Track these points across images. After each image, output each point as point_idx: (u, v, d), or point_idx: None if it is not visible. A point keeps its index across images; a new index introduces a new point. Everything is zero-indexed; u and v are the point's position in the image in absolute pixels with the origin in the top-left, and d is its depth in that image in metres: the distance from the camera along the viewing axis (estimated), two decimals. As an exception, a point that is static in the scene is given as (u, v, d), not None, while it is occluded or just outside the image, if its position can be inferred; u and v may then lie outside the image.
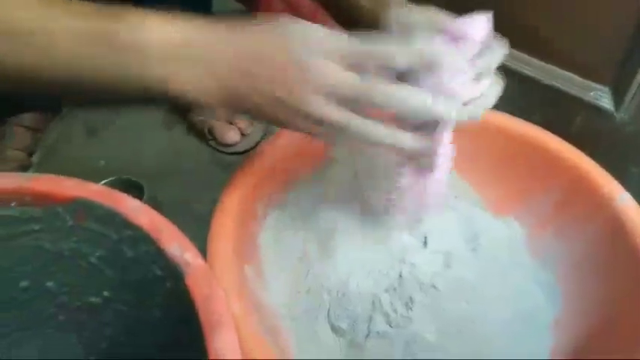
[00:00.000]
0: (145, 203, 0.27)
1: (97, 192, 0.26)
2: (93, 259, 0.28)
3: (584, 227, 0.44)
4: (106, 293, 0.30)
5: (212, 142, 0.65)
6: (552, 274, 0.44)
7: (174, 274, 0.23)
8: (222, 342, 0.20)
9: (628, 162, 0.49)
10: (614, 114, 0.47)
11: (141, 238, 0.25)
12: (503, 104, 0.51)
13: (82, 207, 0.26)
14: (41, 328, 0.30)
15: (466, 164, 0.52)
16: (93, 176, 0.33)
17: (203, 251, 0.32)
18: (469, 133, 0.51)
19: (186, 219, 0.39)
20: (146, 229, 0.25)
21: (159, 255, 0.24)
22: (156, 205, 0.28)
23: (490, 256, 0.45)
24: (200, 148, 0.66)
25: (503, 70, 0.52)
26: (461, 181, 0.53)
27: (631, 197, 0.42)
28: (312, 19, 0.33)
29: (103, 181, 0.56)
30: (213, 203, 0.41)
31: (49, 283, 0.29)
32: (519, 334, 0.40)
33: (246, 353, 0.32)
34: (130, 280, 0.28)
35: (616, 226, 0.41)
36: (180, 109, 0.67)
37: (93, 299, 0.29)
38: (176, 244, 0.24)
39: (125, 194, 0.27)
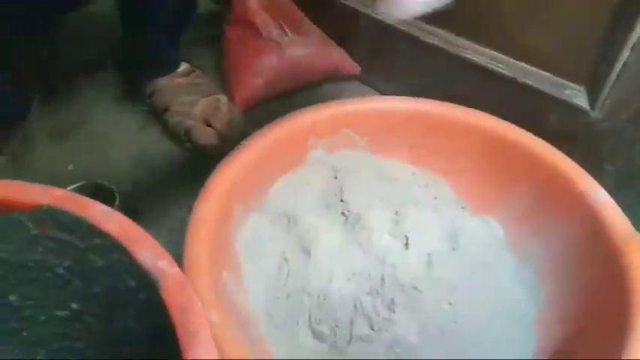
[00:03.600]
0: (117, 210, 0.25)
1: (61, 198, 0.25)
2: (60, 270, 0.26)
3: (561, 224, 0.44)
4: (74, 305, 0.28)
5: (188, 145, 0.63)
6: (532, 271, 0.45)
7: (147, 283, 0.21)
8: (200, 353, 0.19)
9: (603, 159, 0.49)
10: (589, 112, 0.48)
11: (111, 246, 0.24)
12: (481, 103, 0.52)
13: (46, 214, 0.24)
14: (3, 344, 0.28)
15: (445, 164, 0.52)
16: (60, 182, 0.31)
17: (179, 259, 0.31)
18: (447, 133, 0.51)
19: (161, 226, 0.38)
20: (116, 236, 0.24)
21: (131, 264, 0.22)
22: (129, 211, 0.27)
23: (470, 255, 0.45)
24: (176, 151, 0.64)
25: (480, 69, 0.53)
26: (440, 182, 0.53)
27: (606, 194, 0.43)
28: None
29: (71, 187, 0.53)
30: (190, 209, 0.39)
31: (12, 297, 0.28)
32: (502, 333, 0.40)
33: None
34: (100, 291, 0.26)
35: (592, 223, 0.41)
36: (155, 111, 0.65)
37: (60, 312, 0.28)
38: (149, 252, 0.22)
39: (92, 200, 0.25)
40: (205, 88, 0.64)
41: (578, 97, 0.48)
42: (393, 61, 0.65)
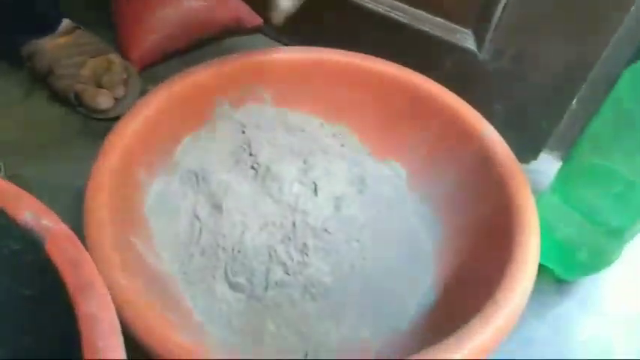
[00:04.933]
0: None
1: None
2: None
3: (457, 161, 0.48)
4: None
5: (81, 110, 0.58)
6: (431, 208, 0.48)
7: (32, 243, 0.20)
8: (94, 305, 0.18)
9: (492, 99, 0.53)
10: (477, 54, 0.51)
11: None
12: (382, 52, 0.53)
13: None
14: None
15: (349, 113, 0.54)
16: None
17: (80, 233, 0.30)
18: (350, 82, 0.52)
19: (56, 197, 0.35)
20: (-7, 200, 0.22)
21: (11, 226, 0.21)
22: (21, 184, 0.25)
23: (376, 197, 0.47)
24: (67, 117, 0.59)
25: (379, 17, 0.54)
26: (345, 131, 0.54)
27: (495, 131, 0.46)
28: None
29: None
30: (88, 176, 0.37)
31: None
32: (406, 265, 0.43)
33: (139, 322, 0.30)
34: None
35: (483, 157, 0.45)
36: (37, 75, 0.59)
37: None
38: (31, 212, 0.21)
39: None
40: (93, 48, 0.58)
41: (466, 40, 0.51)
42: (296, 14, 0.64)
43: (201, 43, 0.67)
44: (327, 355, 0.38)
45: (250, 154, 0.48)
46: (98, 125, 0.58)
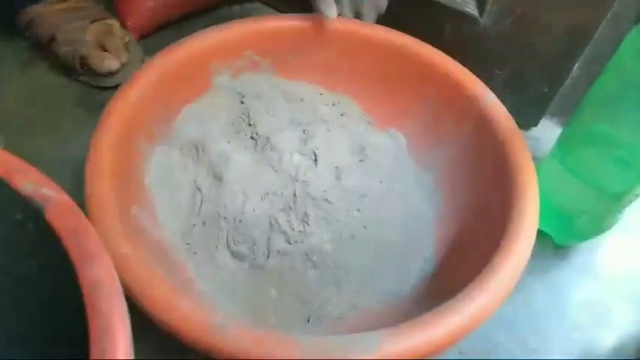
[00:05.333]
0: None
1: None
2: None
3: (458, 129, 0.48)
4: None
5: (84, 77, 0.57)
6: (432, 176, 0.48)
7: (33, 211, 0.20)
8: (97, 273, 0.18)
9: (492, 65, 0.53)
10: (479, 19, 0.50)
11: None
12: (379, 18, 0.52)
13: None
14: None
15: (349, 81, 0.53)
16: None
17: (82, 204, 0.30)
18: (350, 50, 0.52)
19: (58, 168, 0.36)
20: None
21: (13, 196, 0.21)
22: (21, 156, 0.25)
23: (377, 166, 0.47)
24: (69, 85, 0.58)
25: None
26: (346, 99, 0.54)
27: (495, 97, 0.46)
28: None
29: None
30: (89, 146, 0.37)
31: None
32: (406, 233, 0.44)
33: (141, 290, 0.31)
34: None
35: (484, 124, 0.44)
36: (38, 43, 0.58)
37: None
38: (29, 182, 0.21)
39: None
40: (91, 12, 0.57)
41: (468, 4, 0.50)
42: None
43: (199, 12, 0.66)
44: (329, 321, 0.39)
45: (249, 124, 0.48)
46: (99, 94, 0.58)
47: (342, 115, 0.52)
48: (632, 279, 0.47)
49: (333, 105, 0.53)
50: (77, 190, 0.34)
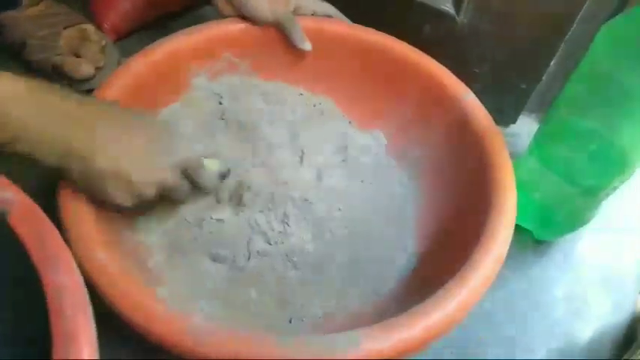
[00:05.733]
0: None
1: None
2: None
3: (436, 126, 0.48)
4: None
5: (63, 83, 0.56)
6: (412, 173, 0.48)
7: (-3, 217, 0.20)
8: (62, 278, 0.18)
9: (471, 63, 0.53)
10: (456, 17, 0.50)
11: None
12: (357, 18, 0.52)
13: None
14: None
15: (328, 82, 0.53)
16: None
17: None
18: (329, 50, 0.51)
19: (34, 174, 0.35)
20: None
21: (-24, 203, 0.20)
22: None
23: (358, 165, 0.47)
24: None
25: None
26: (326, 100, 0.53)
27: (474, 96, 0.46)
28: None
29: None
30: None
31: None
32: (387, 232, 0.44)
33: (118, 295, 0.30)
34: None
35: (463, 121, 0.45)
36: (9, 50, 0.57)
37: None
38: (-8, 186, 0.20)
39: None
40: (65, 18, 0.56)
41: (444, 2, 0.50)
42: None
43: (176, 13, 0.65)
44: (311, 321, 0.39)
45: (227, 125, 0.48)
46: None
47: (322, 114, 0.52)
48: (611, 272, 0.47)
49: (314, 106, 0.53)
50: (51, 195, 0.34)
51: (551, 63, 0.50)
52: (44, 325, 0.18)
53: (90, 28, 0.57)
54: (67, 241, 0.25)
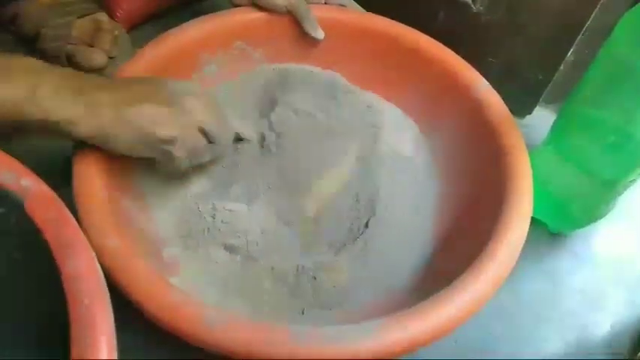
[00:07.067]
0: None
1: None
2: None
3: (451, 117, 0.47)
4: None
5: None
6: (432, 161, 0.48)
7: (13, 203, 0.20)
8: (77, 264, 0.18)
9: (486, 52, 0.52)
10: (471, 6, 0.49)
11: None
12: (372, 6, 0.51)
13: None
14: None
15: (341, 71, 0.52)
16: None
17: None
18: (343, 37, 0.51)
19: (46, 161, 0.35)
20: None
21: (-6, 190, 0.20)
22: (7, 151, 0.24)
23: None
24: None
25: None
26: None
27: (489, 85, 0.46)
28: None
29: None
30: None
31: None
32: (406, 224, 0.43)
33: (132, 285, 0.30)
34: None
35: (478, 112, 0.44)
36: (23, 39, 0.57)
37: None
38: (11, 172, 0.20)
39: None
40: (79, 7, 0.56)
41: (460, -9, 0.50)
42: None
43: (188, 1, 0.65)
44: (324, 312, 0.39)
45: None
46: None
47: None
48: (627, 265, 0.47)
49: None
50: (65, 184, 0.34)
51: (569, 53, 0.49)
52: (62, 311, 0.18)
53: (103, 17, 0.57)
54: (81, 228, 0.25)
